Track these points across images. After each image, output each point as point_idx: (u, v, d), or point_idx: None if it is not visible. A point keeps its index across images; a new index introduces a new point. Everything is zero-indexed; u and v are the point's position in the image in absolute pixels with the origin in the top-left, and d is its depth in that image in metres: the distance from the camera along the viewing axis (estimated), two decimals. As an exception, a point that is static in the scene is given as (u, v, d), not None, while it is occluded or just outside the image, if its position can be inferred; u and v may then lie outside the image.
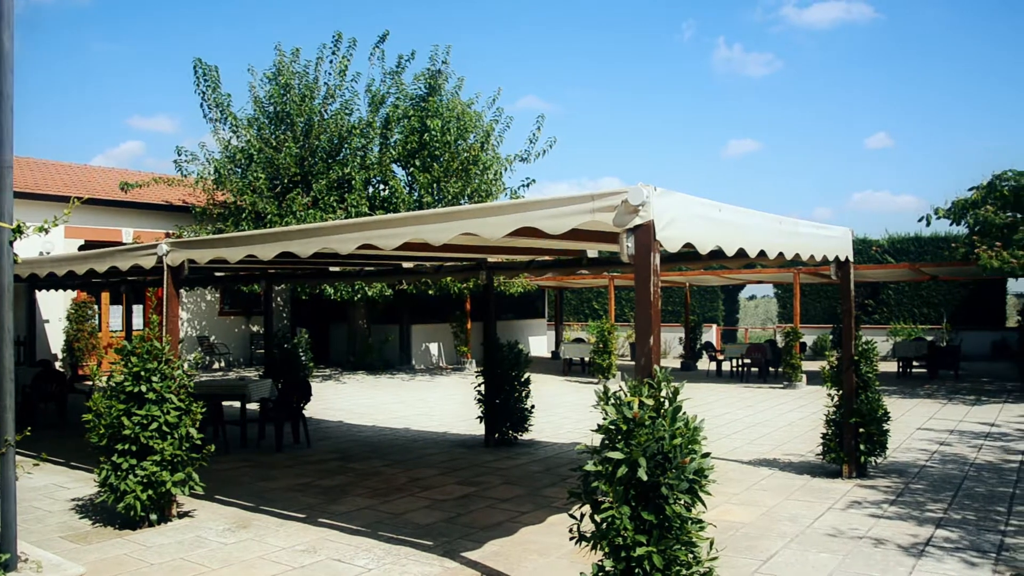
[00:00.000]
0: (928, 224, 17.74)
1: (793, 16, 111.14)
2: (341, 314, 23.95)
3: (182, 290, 16.54)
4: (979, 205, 16.81)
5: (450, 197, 19.21)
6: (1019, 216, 16.37)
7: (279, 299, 25.06)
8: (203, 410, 7.22)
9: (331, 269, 10.99)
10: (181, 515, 7.34)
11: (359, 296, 19.65)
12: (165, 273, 7.49)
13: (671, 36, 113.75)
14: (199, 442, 7.10)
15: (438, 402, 16.03)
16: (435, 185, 19.34)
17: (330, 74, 20.03)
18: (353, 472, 9.32)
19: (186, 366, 7.43)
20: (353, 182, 19.09)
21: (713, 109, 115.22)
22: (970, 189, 17.35)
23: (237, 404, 11.19)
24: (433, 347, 25.11)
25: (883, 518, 7.18)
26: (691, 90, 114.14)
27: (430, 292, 21.65)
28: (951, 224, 17.60)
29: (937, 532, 6.73)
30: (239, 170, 19.49)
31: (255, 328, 24.29)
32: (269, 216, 18.33)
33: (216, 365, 23.08)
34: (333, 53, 19.96)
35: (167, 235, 20.17)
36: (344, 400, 16.32)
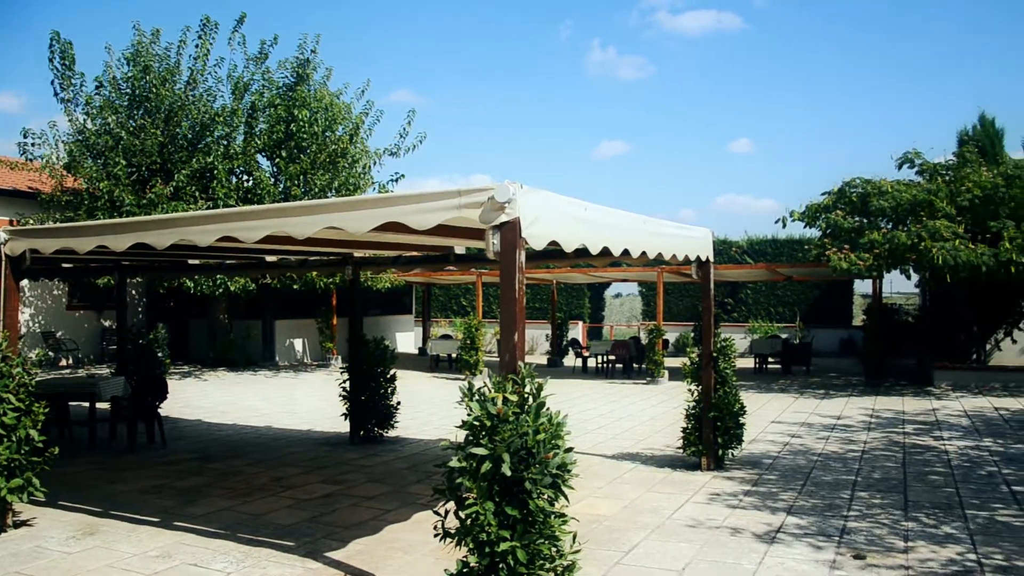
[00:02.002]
0: (784, 226, 18.62)
1: (666, 21, 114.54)
2: (202, 309, 23.10)
3: (24, 282, 15.59)
4: (830, 209, 17.77)
5: (317, 190, 18.80)
6: (865, 221, 17.38)
7: (134, 292, 23.96)
8: (46, 410, 6.79)
9: (190, 262, 10.57)
10: (18, 524, 6.85)
11: (221, 290, 19.00)
12: (3, 263, 7.01)
13: (548, 35, 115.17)
14: (40, 445, 6.67)
15: (302, 399, 15.69)
16: (302, 177, 18.88)
17: (194, 58, 19.20)
18: (212, 472, 9.00)
19: (27, 363, 6.96)
20: (216, 172, 18.40)
21: (586, 110, 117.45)
22: (823, 194, 18.31)
23: (86, 404, 10.59)
24: (298, 343, 24.57)
25: (739, 508, 7.47)
26: (565, 90, 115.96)
27: (295, 287, 21.17)
28: (805, 227, 18.51)
29: (788, 519, 7.05)
30: (94, 155, 18.45)
31: (107, 323, 23.11)
32: (128, 206, 17.44)
33: (64, 362, 21.82)
34: (200, 37, 19.11)
35: (10, 223, 18.95)
36: (204, 398, 15.75)
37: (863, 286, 25.49)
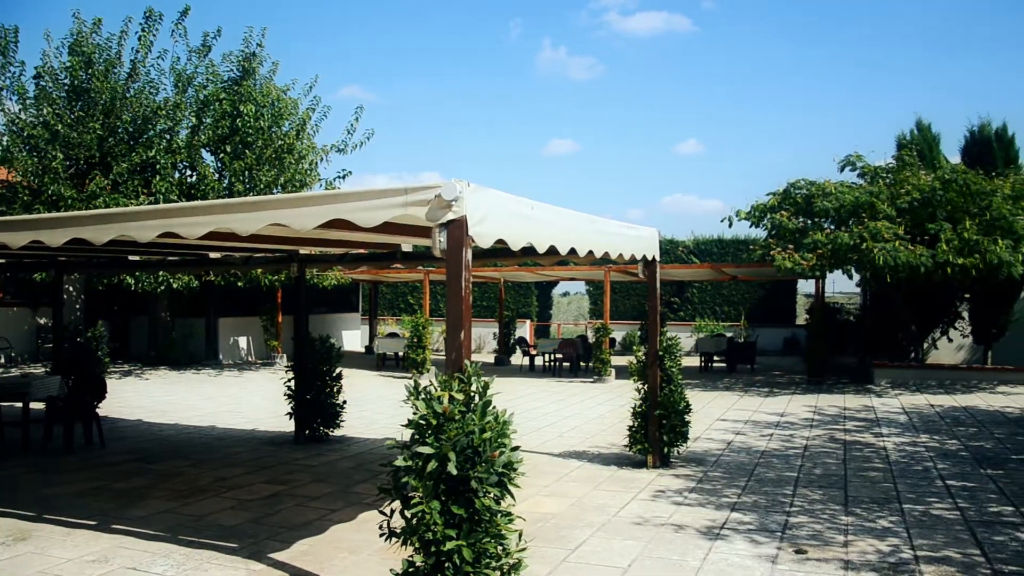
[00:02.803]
0: (730, 226, 18.89)
1: (617, 22, 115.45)
2: (142, 306, 22.61)
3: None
4: (775, 210, 18.07)
5: (262, 186, 18.53)
6: (809, 222, 17.70)
7: (72, 289, 23.37)
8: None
9: (131, 258, 10.34)
10: (-53, 528, 6.66)
11: (163, 287, 18.62)
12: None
13: (498, 34, 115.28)
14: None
15: (246, 398, 15.47)
16: (247, 173, 18.59)
17: (136, 50, 18.72)
18: (152, 474, 8.81)
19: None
20: (159, 166, 18.01)
21: (536, 108, 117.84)
22: (768, 195, 18.62)
23: (19, 404, 10.26)
24: (242, 341, 24.21)
25: (684, 505, 7.54)
26: (516, 88, 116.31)
27: (239, 284, 20.84)
28: (751, 227, 18.80)
29: (731, 516, 7.14)
30: (29, 148, 17.91)
31: (43, 320, 22.49)
32: (68, 200, 16.96)
33: (-3, 361, 21.22)
34: (143, 29, 18.62)
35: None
36: (144, 397, 15.43)
37: (807, 286, 26.01)
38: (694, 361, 22.73)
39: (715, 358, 22.05)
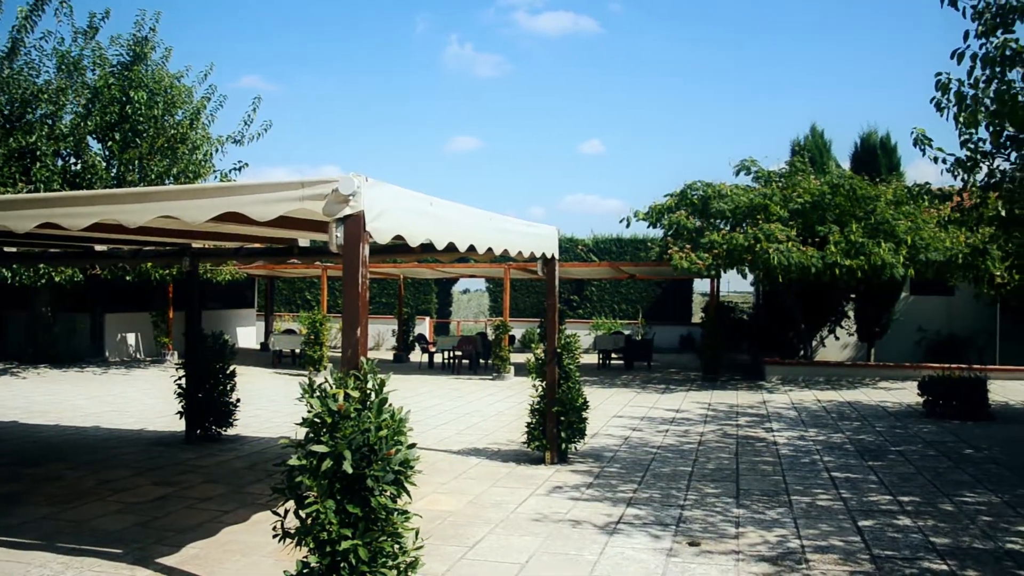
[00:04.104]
0: (628, 226, 19.22)
1: (524, 21, 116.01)
2: (21, 301, 21.48)
3: None
4: (673, 211, 18.48)
5: (154, 176, 17.84)
6: (705, 222, 18.16)
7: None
8: None
9: (6, 250, 9.82)
10: None
11: (43, 281, 17.75)
12: None
13: (404, 28, 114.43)
14: None
15: (135, 397, 14.91)
16: (138, 162, 17.88)
17: (17, 28, 17.64)
18: (28, 478, 8.37)
19: None
20: (40, 153, 17.12)
21: (441, 104, 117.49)
22: (666, 196, 19.02)
23: None
24: (130, 337, 23.32)
25: (581, 500, 7.62)
26: (420, 84, 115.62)
27: (127, 278, 20.06)
28: (649, 227, 19.18)
29: (628, 511, 7.25)
30: None
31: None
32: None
33: None
34: (32, 11, 17.56)
35: None
36: (21, 398, 14.69)
37: (702, 285, 26.67)
38: (592, 358, 23.02)
39: (613, 355, 22.37)
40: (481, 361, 21.31)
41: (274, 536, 4.51)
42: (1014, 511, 7.36)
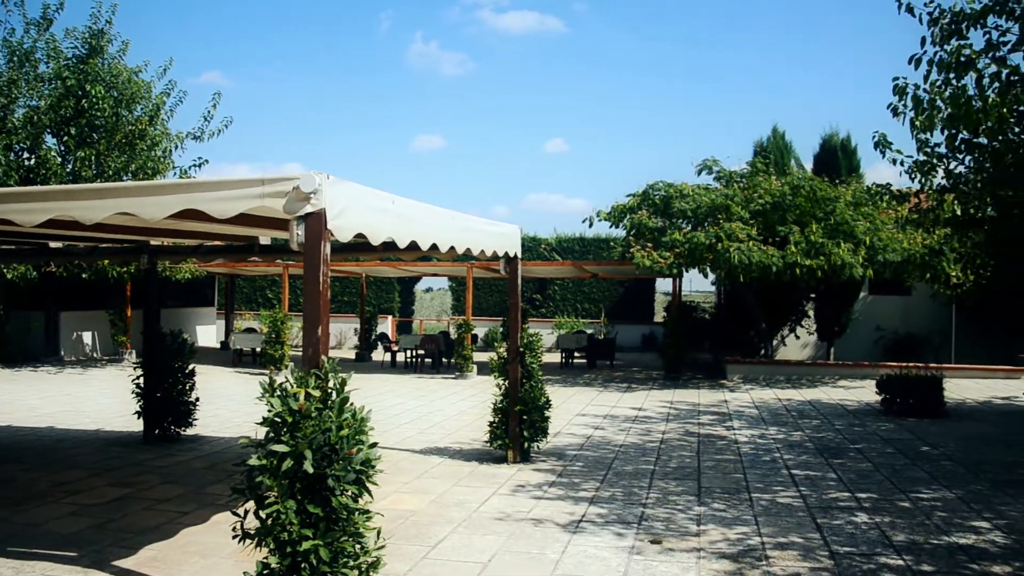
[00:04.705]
0: (591, 225, 19.33)
1: (490, 19, 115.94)
2: (-28, 298, 21.05)
3: None
4: (635, 210, 18.59)
5: (111, 172, 17.54)
6: (668, 222, 18.28)
7: None
8: None
9: (-42, 246, 9.60)
10: None
11: (-5, 279, 17.39)
12: None
13: (368, 26, 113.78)
14: None
15: (91, 397, 14.66)
16: (95, 158, 17.56)
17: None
18: (-19, 478, 8.22)
19: None
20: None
21: (405, 103, 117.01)
22: (628, 196, 19.13)
23: None
24: (87, 336, 22.92)
25: (544, 499, 7.63)
26: (385, 82, 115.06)
27: (84, 276, 19.71)
28: (611, 226, 19.27)
29: (590, 509, 7.27)
30: None
31: None
32: None
33: None
34: None
35: None
36: (-24, 396, 14.40)
37: (664, 284, 26.86)
38: (555, 357, 23.07)
39: (576, 354, 22.42)
40: (444, 360, 21.26)
41: (234, 537, 4.47)
42: (968, 507, 7.50)
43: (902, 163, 10.11)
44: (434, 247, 6.37)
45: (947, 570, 5.74)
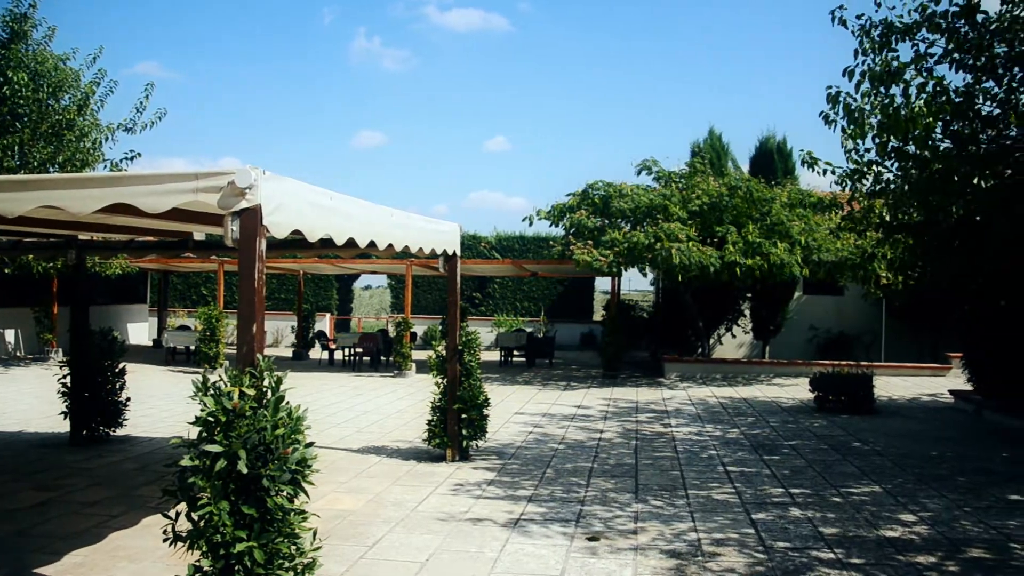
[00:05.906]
0: (531, 224, 19.35)
1: (434, 16, 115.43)
2: None
3: None
4: (575, 210, 18.69)
5: (36, 164, 16.96)
6: (607, 221, 18.41)
7: None
8: None
9: None
10: None
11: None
12: None
13: (310, 19, 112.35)
14: None
15: (14, 397, 14.18)
16: (18, 148, 16.94)
17: None
18: None
19: None
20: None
21: (346, 99, 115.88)
22: (568, 195, 19.22)
23: None
24: (9, 334, 22.17)
25: (483, 498, 7.61)
26: (326, 77, 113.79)
27: (6, 271, 19.06)
28: (551, 225, 19.35)
29: (529, 507, 7.27)
30: None
31: None
32: None
33: None
34: None
35: None
36: None
37: (604, 284, 26.99)
38: (494, 355, 23.06)
39: (515, 353, 22.46)
40: (382, 358, 21.11)
41: (165, 540, 4.35)
42: (895, 500, 7.69)
43: (832, 172, 10.35)
44: (372, 244, 6.30)
45: (875, 561, 5.88)
